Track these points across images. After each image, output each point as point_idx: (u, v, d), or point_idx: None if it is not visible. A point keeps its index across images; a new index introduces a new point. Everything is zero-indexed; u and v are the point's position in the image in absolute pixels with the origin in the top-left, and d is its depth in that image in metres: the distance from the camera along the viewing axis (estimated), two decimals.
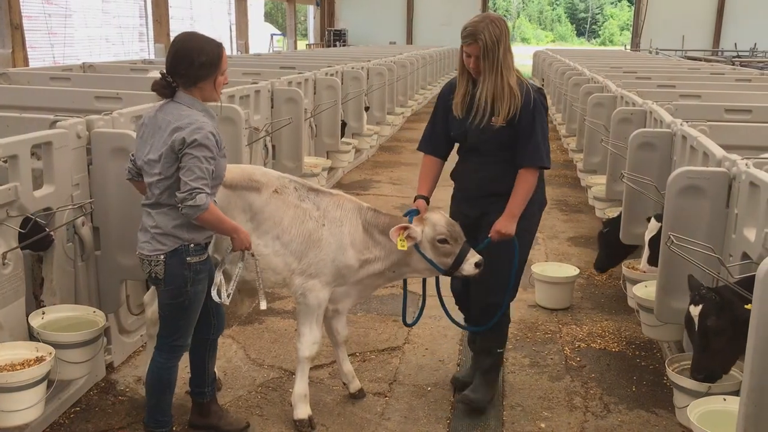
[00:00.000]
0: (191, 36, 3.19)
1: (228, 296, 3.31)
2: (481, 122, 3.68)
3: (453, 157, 4.01)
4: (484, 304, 3.90)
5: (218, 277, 3.29)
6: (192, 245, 3.18)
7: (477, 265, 3.56)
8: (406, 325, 4.03)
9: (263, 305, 3.42)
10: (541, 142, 3.69)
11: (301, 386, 3.72)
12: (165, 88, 3.12)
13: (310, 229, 3.56)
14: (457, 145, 3.94)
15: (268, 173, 3.69)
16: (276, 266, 3.60)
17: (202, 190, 2.99)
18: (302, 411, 3.71)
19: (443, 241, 3.54)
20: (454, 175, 4.00)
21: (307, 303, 3.62)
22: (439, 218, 3.60)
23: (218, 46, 3.14)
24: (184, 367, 3.59)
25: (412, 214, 3.67)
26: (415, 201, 3.79)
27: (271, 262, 3.58)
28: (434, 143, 3.94)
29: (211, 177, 3.06)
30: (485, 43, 3.55)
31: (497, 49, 3.56)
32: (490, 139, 3.69)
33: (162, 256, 3.17)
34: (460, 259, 3.55)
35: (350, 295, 3.81)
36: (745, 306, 2.85)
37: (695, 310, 3.08)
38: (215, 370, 3.72)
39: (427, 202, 3.77)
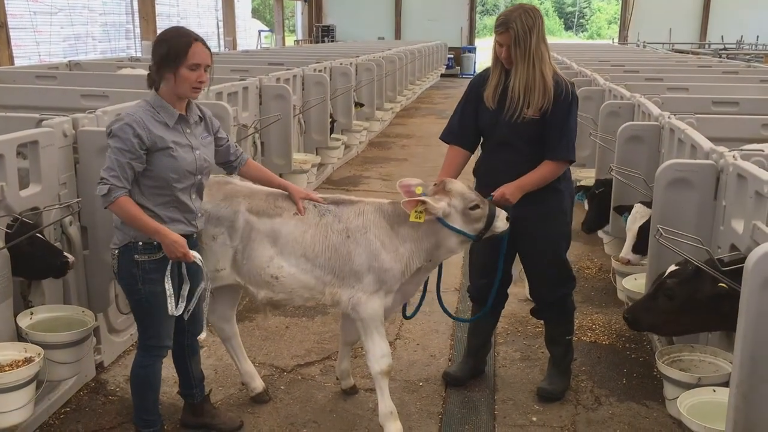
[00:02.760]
0: (167, 29, 3.17)
1: (186, 311, 3.25)
2: (513, 114, 3.64)
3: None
4: (553, 297, 3.97)
5: (167, 287, 3.18)
6: (140, 243, 3.10)
7: (507, 219, 3.51)
8: (405, 317, 3.97)
9: (202, 335, 3.45)
10: (573, 137, 3.70)
11: (384, 404, 3.57)
12: (149, 78, 3.14)
13: (335, 243, 3.45)
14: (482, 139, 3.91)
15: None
16: (307, 283, 3.50)
17: (106, 181, 2.95)
18: (393, 429, 3.57)
19: (475, 207, 3.42)
20: (478, 172, 3.95)
21: (360, 317, 3.51)
22: (461, 186, 3.48)
23: (186, 39, 3.03)
24: (172, 366, 3.58)
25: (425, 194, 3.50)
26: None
27: (301, 279, 3.50)
28: (462, 134, 3.89)
29: (126, 170, 2.97)
30: (516, 32, 3.54)
31: (529, 39, 3.55)
32: (521, 132, 3.66)
33: (116, 251, 3.15)
34: (491, 219, 3.45)
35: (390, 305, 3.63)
36: (719, 284, 2.94)
37: (670, 268, 3.23)
38: (201, 369, 3.69)
39: None
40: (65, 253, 3.58)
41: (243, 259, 3.51)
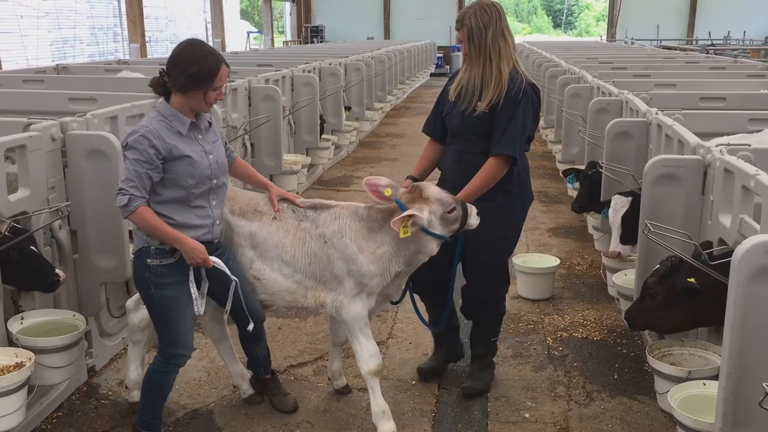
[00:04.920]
0: (193, 44, 3.22)
1: (198, 309, 3.30)
2: (467, 106, 3.68)
3: None
4: (484, 299, 3.94)
5: (192, 290, 3.26)
6: (153, 247, 3.18)
7: (478, 214, 3.53)
8: (392, 303, 3.95)
9: (250, 326, 3.52)
10: (518, 134, 3.64)
11: (377, 404, 3.58)
12: (159, 86, 3.19)
13: (314, 249, 3.48)
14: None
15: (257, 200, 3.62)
16: (287, 287, 3.54)
17: (125, 191, 3.05)
18: (386, 428, 3.57)
19: (452, 210, 3.43)
20: (439, 165, 3.98)
21: (343, 319, 3.54)
22: (437, 191, 3.45)
23: (216, 63, 3.13)
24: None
25: (399, 201, 3.48)
26: (405, 180, 3.78)
27: (281, 283, 3.53)
28: (434, 125, 3.96)
29: (144, 180, 3.05)
30: (470, 28, 3.60)
31: (484, 35, 3.59)
32: (472, 124, 3.68)
33: (132, 255, 3.27)
34: (465, 218, 3.47)
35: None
36: (688, 279, 3.05)
37: (654, 268, 3.34)
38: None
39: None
40: (57, 270, 3.55)
41: (226, 260, 3.52)
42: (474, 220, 3.51)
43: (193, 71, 3.09)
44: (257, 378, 3.88)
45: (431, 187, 3.48)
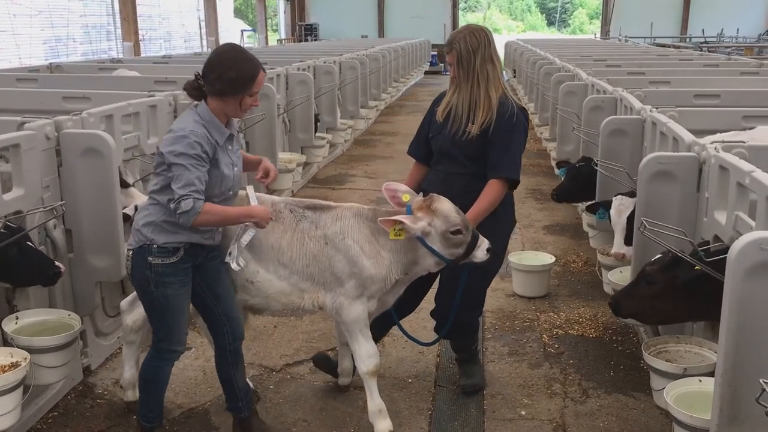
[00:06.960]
0: (232, 49, 3.19)
1: (237, 264, 3.27)
2: (456, 128, 3.71)
3: None
4: (458, 322, 3.90)
5: (234, 248, 3.24)
6: (155, 246, 3.13)
7: (488, 250, 3.48)
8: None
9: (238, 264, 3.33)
10: (518, 157, 3.72)
11: (374, 403, 3.58)
12: (194, 89, 3.14)
13: (313, 250, 3.45)
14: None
15: (265, 202, 3.56)
16: (283, 289, 3.50)
17: (188, 196, 2.96)
18: (383, 426, 3.57)
19: (457, 232, 3.38)
20: (423, 185, 3.94)
21: (343, 320, 3.53)
22: (449, 208, 3.40)
23: (254, 69, 3.10)
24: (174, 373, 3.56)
25: (409, 207, 3.46)
26: None
27: (277, 285, 3.50)
28: (418, 146, 4.02)
29: (202, 182, 2.99)
30: (460, 52, 3.65)
31: (473, 59, 3.64)
32: (461, 145, 3.71)
33: (131, 252, 3.20)
34: (471, 247, 3.42)
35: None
36: (695, 267, 3.02)
37: (653, 257, 3.34)
38: (248, 381, 3.65)
39: None
40: (57, 263, 3.54)
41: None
42: (480, 254, 3.45)
43: (231, 76, 3.04)
44: (241, 419, 3.54)
45: (444, 202, 3.43)
